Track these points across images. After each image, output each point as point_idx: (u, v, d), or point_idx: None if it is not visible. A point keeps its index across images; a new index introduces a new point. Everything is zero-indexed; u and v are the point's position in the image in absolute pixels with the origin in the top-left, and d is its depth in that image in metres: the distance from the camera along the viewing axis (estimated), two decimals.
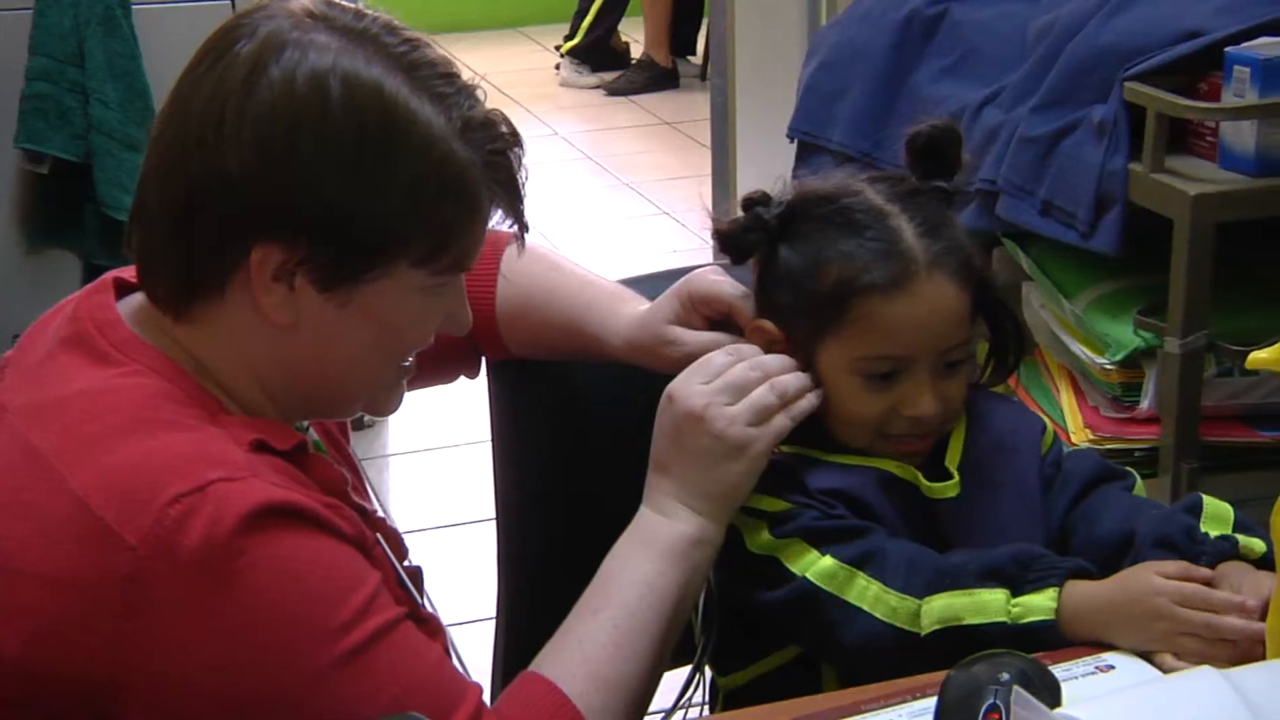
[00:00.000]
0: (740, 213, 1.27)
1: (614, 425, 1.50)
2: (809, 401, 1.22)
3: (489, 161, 1.11)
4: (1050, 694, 0.98)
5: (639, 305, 1.36)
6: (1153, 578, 1.10)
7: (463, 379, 1.48)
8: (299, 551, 1.03)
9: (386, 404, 1.19)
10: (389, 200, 1.07)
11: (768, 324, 1.26)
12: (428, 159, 1.07)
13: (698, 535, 1.20)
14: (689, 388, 1.20)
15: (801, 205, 1.25)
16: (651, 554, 1.18)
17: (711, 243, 1.32)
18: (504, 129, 1.12)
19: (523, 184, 1.14)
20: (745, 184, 3.40)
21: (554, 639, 1.17)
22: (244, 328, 1.10)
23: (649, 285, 1.43)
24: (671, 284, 1.35)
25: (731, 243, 1.27)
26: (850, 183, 1.26)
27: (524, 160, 1.14)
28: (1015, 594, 1.12)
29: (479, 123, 1.10)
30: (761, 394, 1.20)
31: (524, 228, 1.17)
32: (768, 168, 1.38)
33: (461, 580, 2.32)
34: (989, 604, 1.11)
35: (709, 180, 3.88)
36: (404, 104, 1.07)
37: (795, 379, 1.22)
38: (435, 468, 3.20)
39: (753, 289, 1.29)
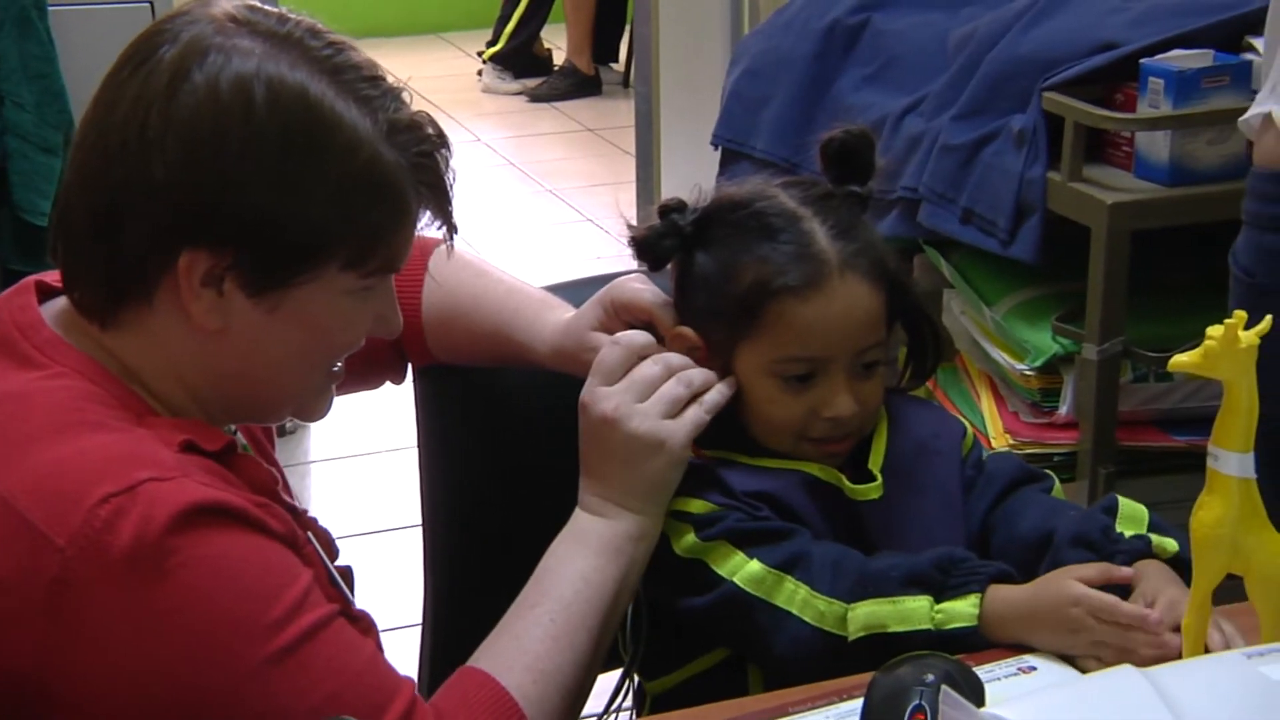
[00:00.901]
0: (657, 219, 1.28)
1: (541, 431, 1.50)
2: (720, 392, 1.24)
3: (416, 164, 1.11)
4: (974, 695, 1.00)
5: (565, 312, 1.37)
6: (1071, 586, 1.12)
7: (388, 384, 1.48)
8: (231, 550, 1.03)
9: (316, 409, 1.19)
10: (316, 204, 1.07)
11: (687, 331, 1.27)
12: (354, 162, 1.08)
13: (635, 531, 1.21)
14: (596, 392, 1.22)
15: (716, 211, 1.27)
16: (587, 551, 1.20)
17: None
18: (430, 131, 1.13)
19: (451, 186, 1.14)
20: (670, 191, 3.41)
21: (491, 636, 1.18)
22: (172, 334, 1.10)
23: (572, 292, 1.43)
24: (595, 291, 1.35)
25: (647, 249, 1.28)
26: (764, 188, 1.27)
27: (451, 162, 1.14)
28: (938, 599, 1.13)
29: (405, 125, 1.10)
30: (670, 387, 1.22)
31: (452, 229, 1.17)
32: (692, 175, 1.39)
33: (387, 586, 2.30)
34: (913, 612, 1.13)
35: (633, 187, 3.89)
36: (329, 107, 1.07)
37: (700, 372, 1.24)
38: (359, 474, 3.18)
39: (671, 296, 1.31)
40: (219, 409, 1.14)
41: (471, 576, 1.53)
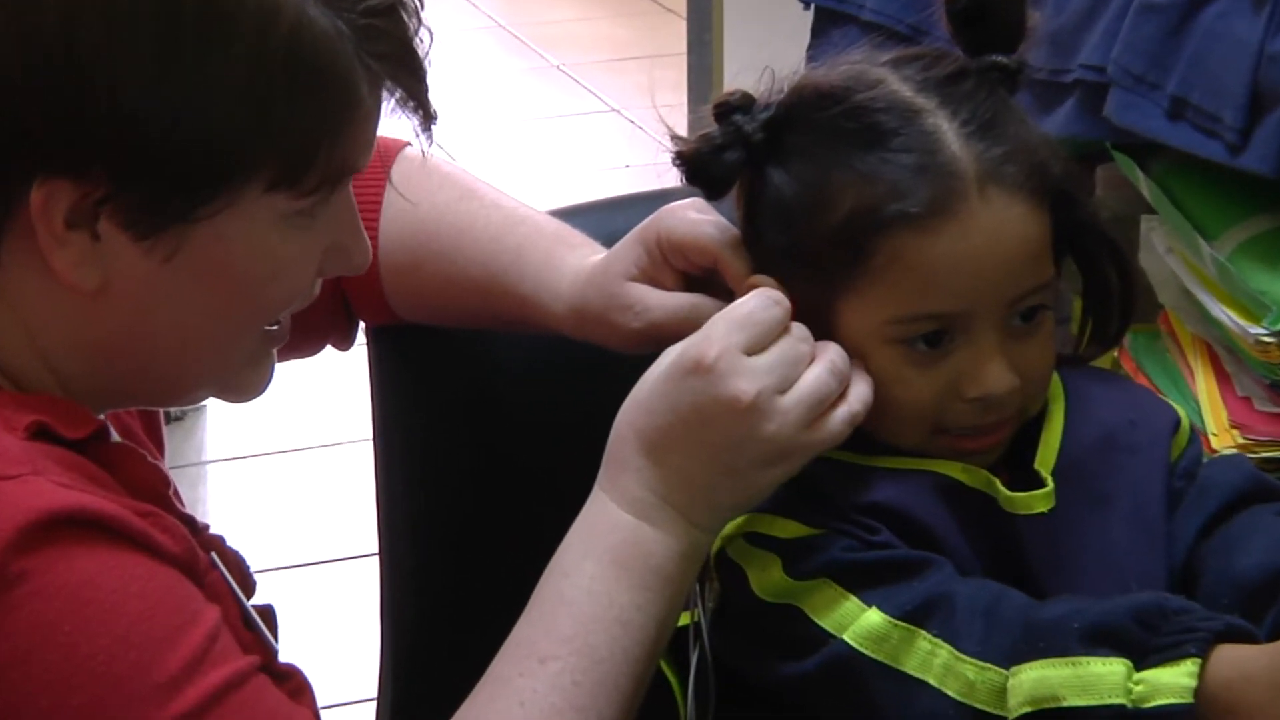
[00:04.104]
0: (713, 124, 1.29)
1: (549, 419, 1.52)
2: (870, 386, 1.23)
3: (364, 27, 1.12)
4: None
5: (590, 253, 1.38)
6: None
7: (329, 349, 1.50)
8: (104, 576, 1.05)
9: (247, 384, 1.21)
10: (220, 100, 1.09)
11: (766, 282, 1.27)
12: (271, 35, 1.09)
13: (690, 549, 1.22)
14: (738, 362, 1.20)
15: (797, 107, 1.27)
16: (628, 578, 1.20)
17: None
18: None
19: (423, 55, 1.16)
20: (736, 69, 3.38)
21: (484, 690, 1.18)
22: (28, 294, 1.12)
23: (592, 220, 1.45)
24: (627, 219, 1.36)
25: (701, 169, 1.29)
26: (867, 71, 1.27)
27: (422, 18, 1.16)
28: (1138, 664, 1.13)
29: None
30: (819, 378, 1.21)
31: (429, 119, 1.19)
32: (768, 47, 1.39)
33: (324, 643, 2.33)
34: (1100, 679, 1.13)
35: (680, 62, 3.88)
36: None
37: (841, 354, 1.23)
38: (281, 480, 3.21)
39: (739, 229, 1.32)
40: (97, 388, 1.16)
41: (450, 628, 1.55)
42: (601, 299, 1.34)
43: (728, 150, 1.28)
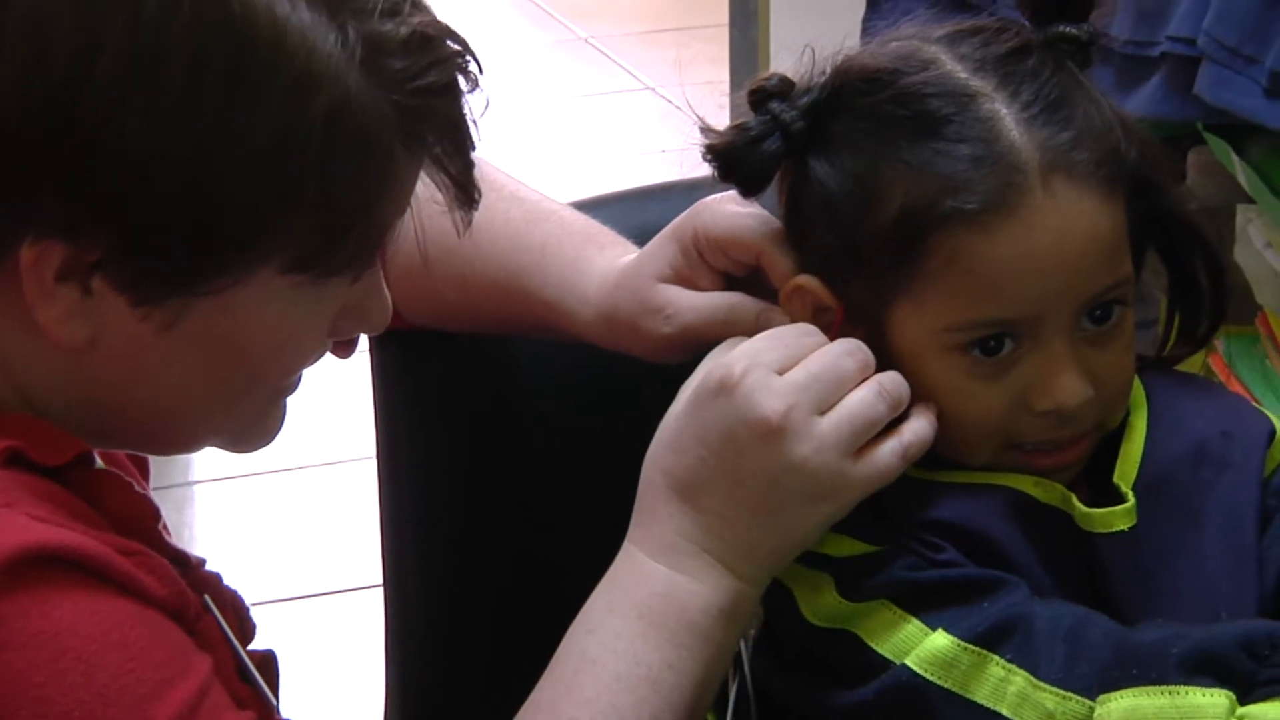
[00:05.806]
0: (750, 111, 1.28)
1: (571, 435, 1.53)
2: (929, 421, 1.24)
3: (413, 108, 1.12)
4: None
5: (621, 253, 1.38)
6: None
7: (328, 357, 1.49)
8: (83, 624, 1.05)
9: (255, 436, 1.22)
10: (236, 168, 1.09)
11: (814, 282, 1.28)
12: (308, 107, 1.09)
13: (730, 605, 1.22)
14: (765, 378, 1.21)
15: (842, 92, 1.27)
16: (657, 634, 1.20)
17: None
18: (443, 51, 1.13)
19: (471, 132, 1.16)
20: (784, 41, 3.39)
21: None
22: (8, 337, 1.12)
23: (621, 211, 1.46)
24: (661, 212, 1.37)
25: (735, 164, 1.29)
26: (918, 49, 1.27)
27: (480, 83, 1.15)
28: (1244, 698, 1.14)
29: (397, 45, 1.11)
30: (865, 400, 1.21)
31: (470, 201, 1.19)
32: (822, 15, 1.38)
33: (323, 686, 2.33)
34: (1201, 711, 1.13)
35: (722, 34, 3.88)
36: (266, 11, 1.08)
37: (897, 379, 1.24)
38: (276, 502, 3.21)
39: (783, 225, 1.32)
40: (84, 433, 1.16)
41: (462, 669, 1.56)
42: (632, 303, 1.34)
43: (764, 141, 1.27)
